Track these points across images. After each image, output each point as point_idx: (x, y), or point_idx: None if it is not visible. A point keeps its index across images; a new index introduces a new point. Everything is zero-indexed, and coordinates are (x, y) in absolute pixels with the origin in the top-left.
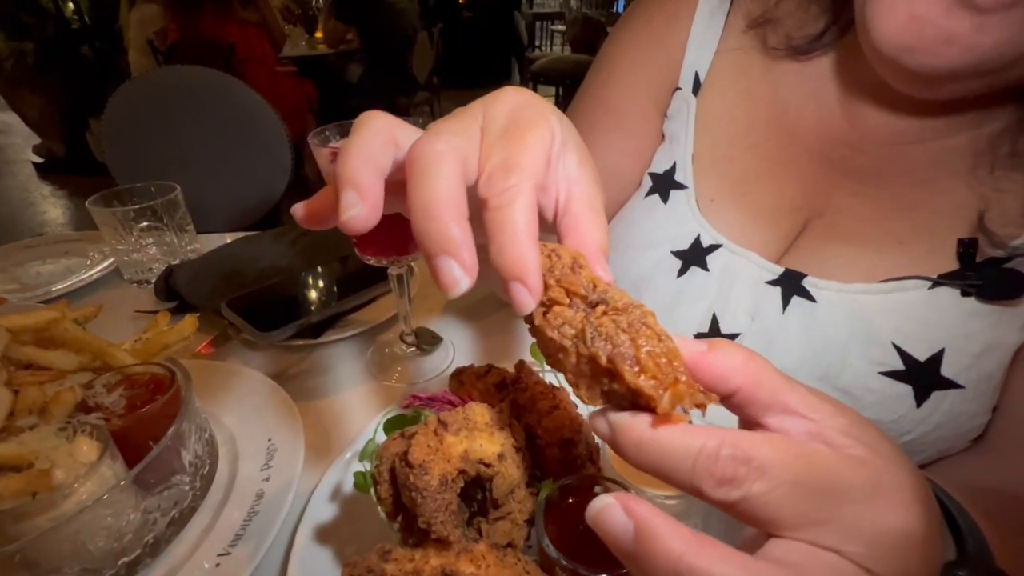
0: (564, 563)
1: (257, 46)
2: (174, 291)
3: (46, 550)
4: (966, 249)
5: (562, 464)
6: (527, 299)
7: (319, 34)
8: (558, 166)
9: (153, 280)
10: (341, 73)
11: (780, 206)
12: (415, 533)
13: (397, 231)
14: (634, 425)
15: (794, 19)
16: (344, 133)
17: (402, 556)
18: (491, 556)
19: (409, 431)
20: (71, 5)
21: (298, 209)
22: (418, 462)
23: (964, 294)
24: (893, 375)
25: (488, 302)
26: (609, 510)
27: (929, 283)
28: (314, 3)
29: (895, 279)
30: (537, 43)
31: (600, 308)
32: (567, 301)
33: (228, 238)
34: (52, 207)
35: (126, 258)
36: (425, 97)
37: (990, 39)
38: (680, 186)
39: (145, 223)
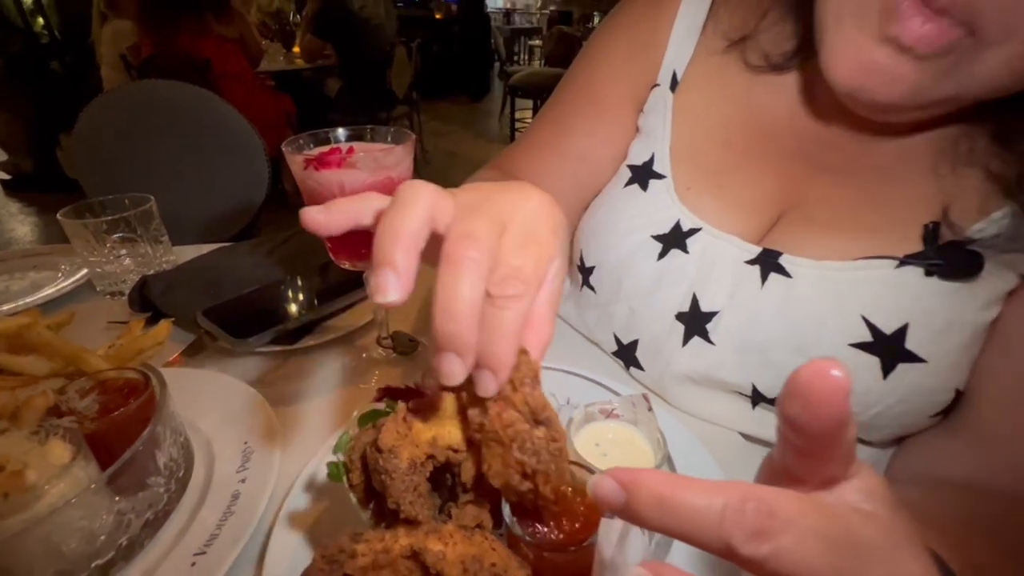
0: (527, 539)
1: (233, 61)
2: (148, 302)
3: (18, 552)
4: (930, 233)
5: None
6: (491, 386)
7: (296, 49)
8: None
9: (127, 292)
10: (319, 87)
11: (756, 197)
12: (386, 518)
13: (368, 234)
14: (653, 482)
15: (770, 37)
16: (318, 142)
17: (373, 537)
18: (458, 535)
19: (380, 422)
20: (40, 20)
21: (316, 216)
22: (387, 447)
23: (928, 273)
24: (862, 346)
25: None
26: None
27: (896, 262)
28: (291, 19)
29: (864, 258)
30: (516, 56)
31: (542, 429)
32: (520, 406)
33: (204, 249)
34: (20, 224)
35: (99, 270)
36: (404, 111)
37: (929, 81)
38: (659, 176)
39: (119, 235)
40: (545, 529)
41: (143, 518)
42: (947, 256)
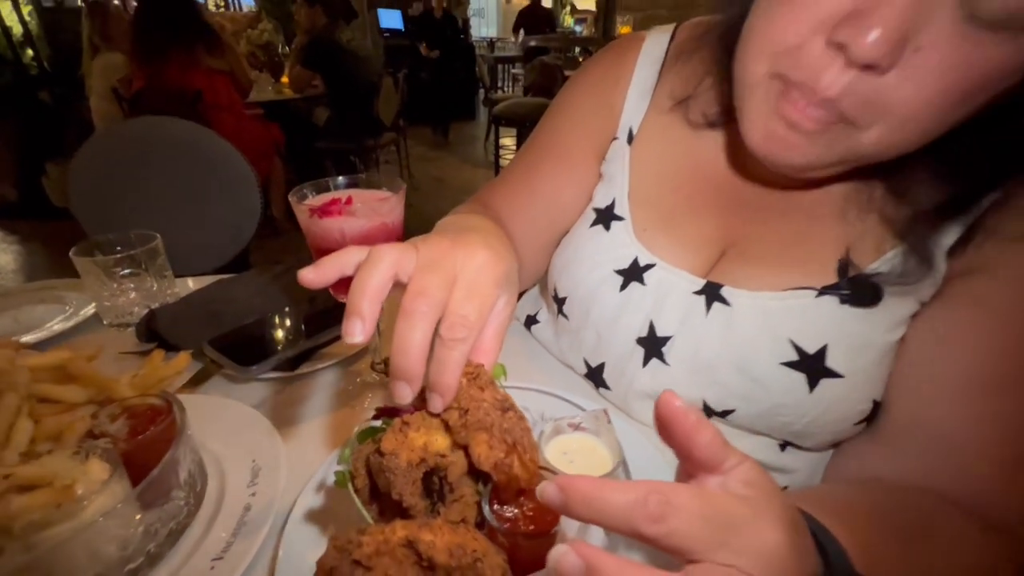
0: (502, 530)
1: (224, 93)
2: (155, 333)
3: (66, 555)
4: (842, 268)
5: None
6: (439, 405)
7: (285, 79)
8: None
9: (132, 323)
10: (307, 116)
11: (702, 236)
12: (386, 515)
13: None
14: (581, 487)
15: (707, 99)
16: (319, 190)
17: (375, 531)
18: (446, 527)
19: (379, 435)
20: (30, 52)
21: (310, 274)
22: (389, 450)
23: (842, 302)
24: (790, 365)
25: None
26: (566, 555)
27: (816, 292)
28: (280, 50)
29: (791, 289)
30: (500, 84)
31: (509, 413)
32: (490, 401)
33: (204, 281)
34: (2, 253)
35: (107, 304)
36: (391, 138)
37: (820, 149)
38: (619, 218)
39: (126, 271)
40: (518, 521)
41: (167, 527)
42: (855, 287)
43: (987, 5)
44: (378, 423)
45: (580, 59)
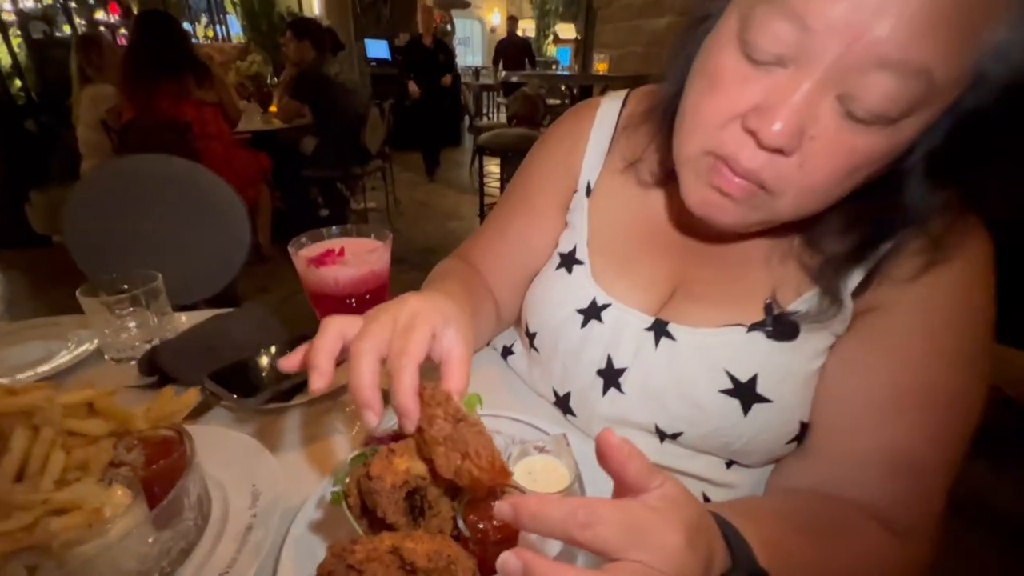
0: (474, 539)
1: (212, 123)
2: (157, 367)
3: (93, 571)
4: (768, 307)
5: None
6: (408, 424)
7: (273, 108)
8: (442, 338)
9: (132, 358)
10: (295, 145)
11: (653, 278)
12: (375, 528)
13: (355, 314)
14: (527, 504)
15: (654, 160)
16: (315, 239)
17: (365, 541)
18: (426, 537)
19: (368, 460)
20: (18, 82)
21: (288, 362)
22: (376, 474)
23: (768, 336)
24: (727, 392)
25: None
26: (508, 559)
27: (746, 328)
28: (268, 80)
29: (726, 325)
30: (484, 111)
31: (461, 423)
32: (443, 417)
33: (197, 316)
34: None
35: (109, 339)
36: (378, 165)
37: (745, 212)
38: (580, 262)
39: (129, 309)
40: (487, 532)
41: (179, 545)
42: (778, 324)
43: (856, 107)
44: (368, 449)
45: (563, 88)
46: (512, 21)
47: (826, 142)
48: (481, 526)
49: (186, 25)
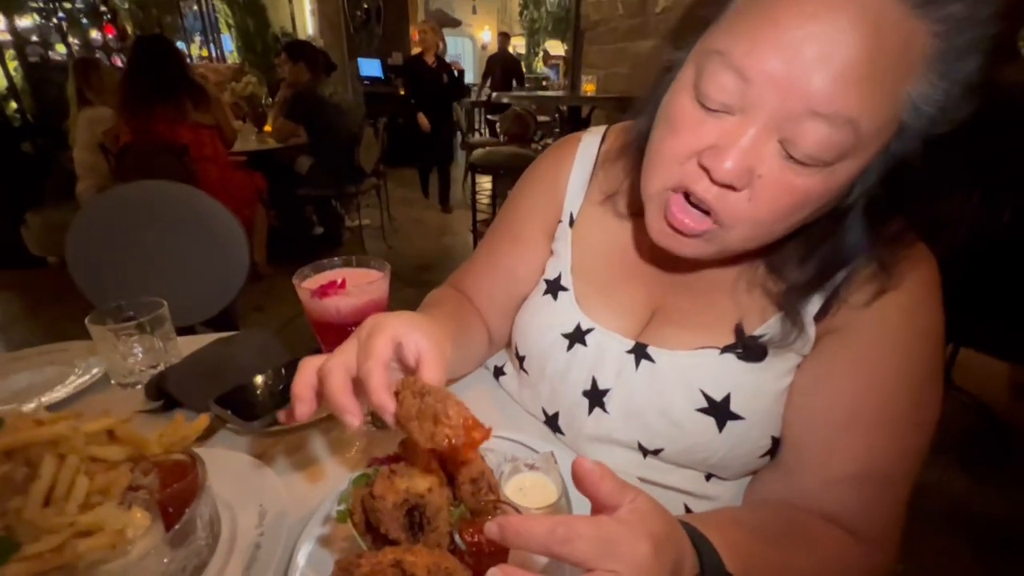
0: (470, 551)
1: (209, 145)
2: (163, 391)
3: None
4: (737, 331)
5: (471, 495)
6: (387, 417)
7: (268, 128)
8: (409, 342)
9: (138, 382)
10: (290, 164)
11: (633, 303)
12: (378, 544)
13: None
14: (512, 524)
15: (630, 194)
16: (317, 270)
17: (369, 555)
18: (425, 551)
19: (371, 480)
20: (14, 104)
21: (285, 415)
22: (379, 494)
23: (739, 358)
24: (703, 411)
25: None
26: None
27: (719, 350)
28: (263, 101)
29: (701, 348)
30: (476, 127)
31: (428, 396)
32: (411, 396)
33: (196, 341)
34: None
35: (116, 365)
36: (372, 183)
37: (701, 244)
38: (565, 288)
39: (136, 336)
40: (481, 545)
41: (192, 563)
42: (747, 347)
43: (795, 151)
44: (370, 470)
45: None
46: (504, 38)
47: (771, 180)
48: (476, 540)
49: (180, 44)
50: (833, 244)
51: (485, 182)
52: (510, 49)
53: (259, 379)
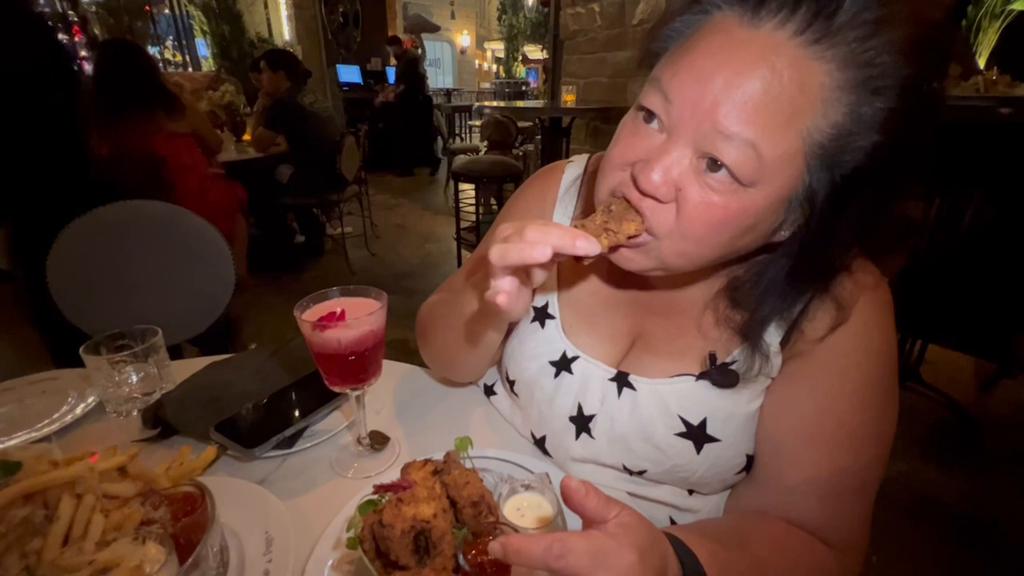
0: (473, 572)
1: (187, 155)
2: (160, 419)
3: None
4: (711, 358)
5: (473, 518)
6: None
7: (247, 137)
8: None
9: (132, 410)
10: (271, 174)
11: (615, 331)
12: (388, 569)
13: (356, 369)
14: (512, 543)
15: None
16: (316, 300)
17: None
18: (431, 573)
19: (380, 507)
20: None
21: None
22: (388, 522)
23: (712, 384)
24: (681, 435)
25: (423, 404)
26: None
27: (694, 377)
28: (241, 109)
29: (677, 375)
30: (457, 132)
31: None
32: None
33: (189, 366)
34: None
35: (111, 394)
36: (354, 191)
37: (641, 257)
38: (551, 316)
39: (130, 364)
40: (484, 566)
41: None
42: (720, 374)
43: (711, 168)
44: (375, 496)
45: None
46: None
47: (694, 196)
48: (479, 560)
49: (151, 49)
50: (779, 277)
51: (468, 188)
52: (488, 54)
53: (258, 404)
